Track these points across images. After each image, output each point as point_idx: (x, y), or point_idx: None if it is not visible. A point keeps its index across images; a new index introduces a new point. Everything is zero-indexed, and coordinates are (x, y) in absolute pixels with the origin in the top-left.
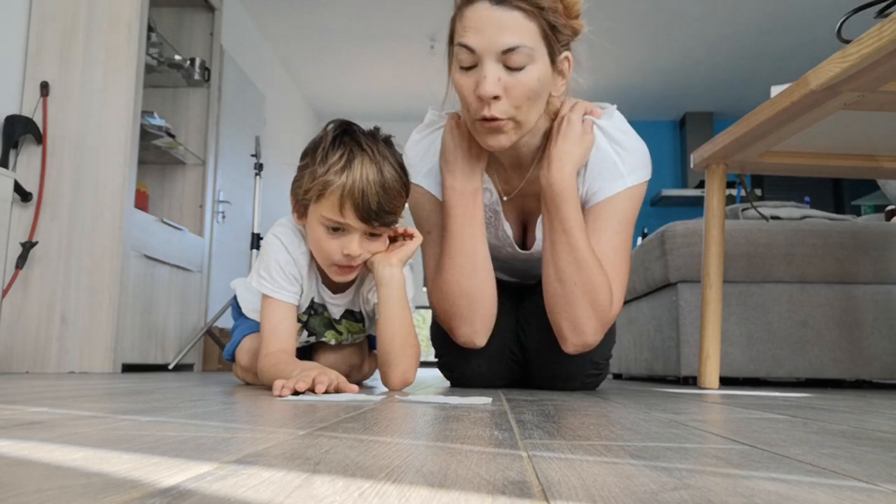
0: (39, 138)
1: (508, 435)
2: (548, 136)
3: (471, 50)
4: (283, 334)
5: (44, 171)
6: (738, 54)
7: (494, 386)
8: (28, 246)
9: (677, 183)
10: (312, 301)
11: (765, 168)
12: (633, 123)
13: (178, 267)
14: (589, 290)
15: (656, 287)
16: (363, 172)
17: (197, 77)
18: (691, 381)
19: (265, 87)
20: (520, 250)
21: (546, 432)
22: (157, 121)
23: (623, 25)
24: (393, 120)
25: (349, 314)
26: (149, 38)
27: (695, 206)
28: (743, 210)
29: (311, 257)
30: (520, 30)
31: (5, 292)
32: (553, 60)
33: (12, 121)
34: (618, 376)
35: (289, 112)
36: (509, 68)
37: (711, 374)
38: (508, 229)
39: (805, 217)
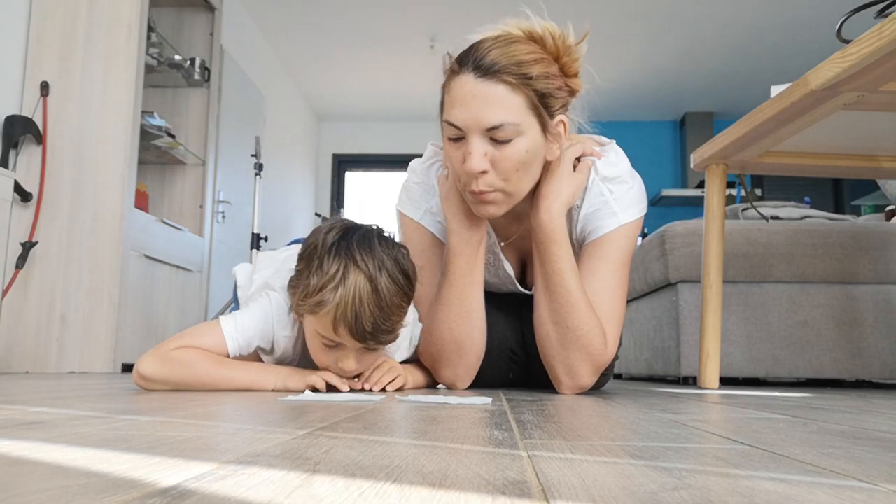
0: (39, 138)
1: (508, 435)
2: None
3: (457, 126)
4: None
5: (44, 171)
6: (738, 54)
7: (494, 386)
8: (28, 246)
9: (677, 183)
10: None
11: (765, 168)
12: (633, 123)
13: (178, 267)
14: (582, 335)
15: (656, 287)
16: (356, 292)
17: (197, 77)
18: (691, 381)
19: (265, 87)
20: (521, 289)
21: (546, 432)
22: (157, 121)
23: (623, 25)
24: (393, 120)
25: None
26: (149, 38)
27: (695, 206)
28: (743, 210)
29: (299, 340)
30: (505, 105)
31: (5, 292)
32: (544, 129)
33: (12, 121)
34: (618, 376)
35: (289, 112)
36: (496, 141)
37: (711, 374)
38: (509, 268)
39: (805, 217)
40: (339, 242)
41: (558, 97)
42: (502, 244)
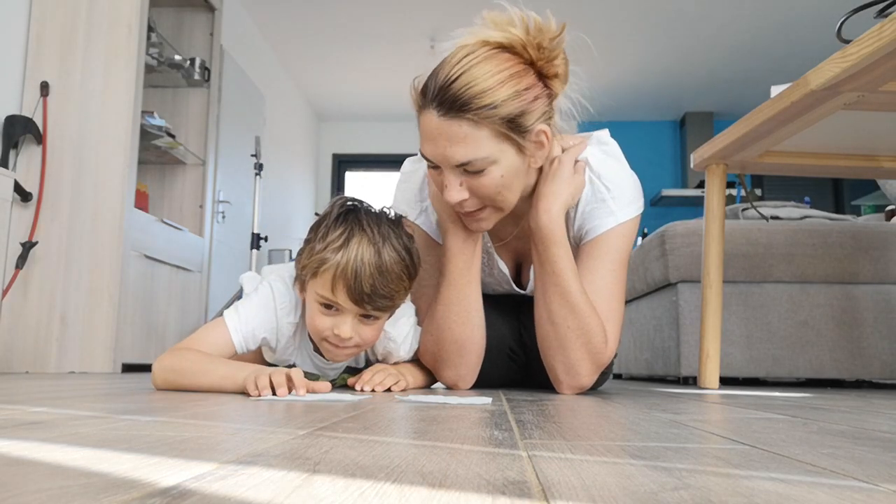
0: (39, 138)
1: (508, 435)
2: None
3: (429, 159)
4: (207, 350)
5: (44, 171)
6: (738, 54)
7: (494, 386)
8: (28, 246)
9: (677, 183)
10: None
11: (765, 168)
12: (632, 123)
13: (178, 267)
14: (582, 334)
15: (656, 287)
16: (359, 253)
17: (197, 77)
18: (691, 381)
19: (265, 87)
20: (516, 288)
21: (546, 432)
22: (157, 121)
23: (623, 25)
24: (393, 120)
25: (349, 369)
26: (149, 38)
27: (695, 206)
28: (743, 210)
29: (300, 328)
30: (470, 141)
31: (5, 292)
32: (520, 149)
33: (12, 121)
34: (618, 376)
35: (289, 112)
36: (469, 172)
37: (711, 374)
38: (504, 268)
39: (805, 217)
40: (348, 214)
41: (533, 111)
42: (496, 244)
